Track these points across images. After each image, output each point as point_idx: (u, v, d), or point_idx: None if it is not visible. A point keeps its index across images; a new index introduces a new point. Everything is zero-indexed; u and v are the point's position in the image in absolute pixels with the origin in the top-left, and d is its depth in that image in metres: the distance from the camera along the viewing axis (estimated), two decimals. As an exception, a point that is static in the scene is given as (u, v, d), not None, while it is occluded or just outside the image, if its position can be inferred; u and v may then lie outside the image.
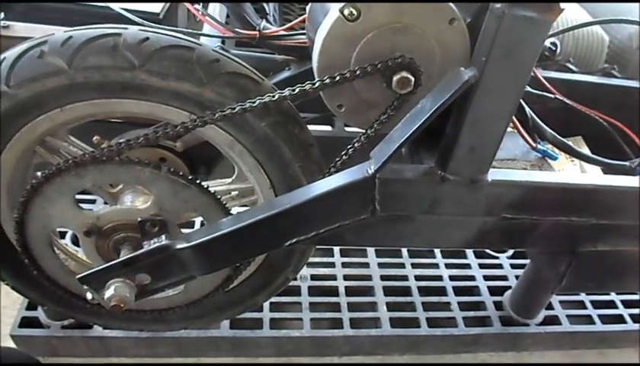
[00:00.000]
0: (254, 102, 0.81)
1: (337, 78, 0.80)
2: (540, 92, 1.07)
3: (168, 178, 0.90)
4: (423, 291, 1.68)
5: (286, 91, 0.82)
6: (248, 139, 0.91)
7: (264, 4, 1.13)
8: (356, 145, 0.87)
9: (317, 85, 0.81)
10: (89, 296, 0.92)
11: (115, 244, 0.97)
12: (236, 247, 0.86)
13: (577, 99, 1.09)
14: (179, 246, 0.86)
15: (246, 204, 1.05)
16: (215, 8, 1.16)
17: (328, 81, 0.80)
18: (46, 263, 1.03)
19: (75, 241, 1.51)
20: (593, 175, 0.99)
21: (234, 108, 0.81)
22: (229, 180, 1.03)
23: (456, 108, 0.76)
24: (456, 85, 0.72)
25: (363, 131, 0.87)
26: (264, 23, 1.07)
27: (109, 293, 0.88)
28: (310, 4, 0.97)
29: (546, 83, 1.09)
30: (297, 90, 0.81)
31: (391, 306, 1.61)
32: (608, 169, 1.03)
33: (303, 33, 1.07)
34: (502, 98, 0.73)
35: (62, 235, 1.52)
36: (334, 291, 1.64)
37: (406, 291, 1.67)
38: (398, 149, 0.76)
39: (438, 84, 0.77)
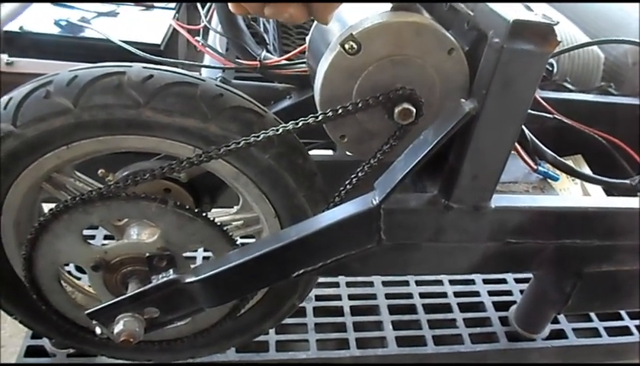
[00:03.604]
0: (258, 136, 0.82)
1: (340, 111, 0.81)
2: (539, 113, 1.08)
3: (175, 212, 0.91)
4: (428, 309, 1.68)
5: (290, 125, 0.82)
6: (252, 170, 0.91)
7: (264, 35, 1.14)
8: (360, 174, 0.88)
9: (320, 118, 0.81)
10: (98, 330, 0.92)
11: (123, 277, 0.98)
12: (244, 279, 0.87)
13: (576, 118, 1.10)
14: (187, 280, 0.86)
15: (251, 233, 1.05)
16: (215, 39, 1.17)
17: (330, 114, 0.81)
18: (54, 297, 1.04)
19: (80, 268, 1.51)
20: (595, 198, 0.99)
21: (239, 143, 0.82)
22: (234, 210, 1.04)
23: (457, 139, 0.77)
24: (457, 117, 0.73)
25: (366, 160, 0.88)
26: (264, 53, 1.09)
27: (118, 328, 0.89)
28: (310, 33, 0.98)
29: (544, 103, 1.10)
30: (300, 123, 0.82)
31: (397, 325, 1.61)
32: (610, 188, 1.04)
33: (303, 62, 1.09)
34: (503, 128, 0.74)
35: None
36: (339, 311, 1.64)
37: (411, 309, 1.68)
38: (402, 181, 0.77)
39: (439, 116, 0.78)
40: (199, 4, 1.19)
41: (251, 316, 1.12)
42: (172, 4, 1.42)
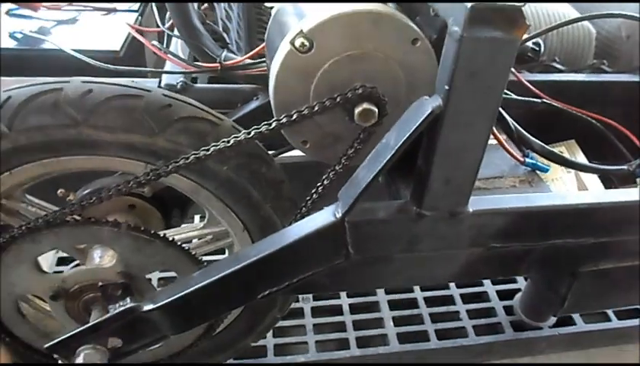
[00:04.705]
0: (208, 150, 0.75)
1: (295, 116, 0.73)
2: (526, 98, 0.99)
3: (130, 235, 0.85)
4: (429, 302, 1.61)
5: (242, 135, 0.75)
6: (211, 184, 0.85)
7: (224, 34, 1.07)
8: (325, 182, 0.80)
9: (274, 125, 0.74)
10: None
11: (85, 305, 0.92)
12: (206, 304, 0.80)
13: (567, 100, 1.02)
14: (146, 308, 0.80)
15: (222, 247, 0.99)
16: (177, 42, 1.10)
17: (284, 120, 0.74)
18: (18, 330, 0.98)
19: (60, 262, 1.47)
20: (586, 193, 0.91)
21: (187, 158, 0.75)
22: (201, 224, 0.97)
23: (424, 140, 0.69)
24: (420, 117, 0.65)
25: (332, 167, 0.80)
26: (225, 53, 1.01)
27: (79, 360, 0.83)
28: (268, 27, 0.91)
29: (532, 87, 1.01)
30: (252, 133, 0.75)
31: (398, 321, 1.54)
32: (606, 175, 0.96)
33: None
34: (473, 126, 0.66)
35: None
36: (338, 310, 1.58)
37: (412, 303, 1.60)
38: (365, 190, 0.69)
39: (402, 116, 0.70)
40: (154, 7, 1.11)
41: (230, 334, 1.06)
42: (136, 7, 1.35)
